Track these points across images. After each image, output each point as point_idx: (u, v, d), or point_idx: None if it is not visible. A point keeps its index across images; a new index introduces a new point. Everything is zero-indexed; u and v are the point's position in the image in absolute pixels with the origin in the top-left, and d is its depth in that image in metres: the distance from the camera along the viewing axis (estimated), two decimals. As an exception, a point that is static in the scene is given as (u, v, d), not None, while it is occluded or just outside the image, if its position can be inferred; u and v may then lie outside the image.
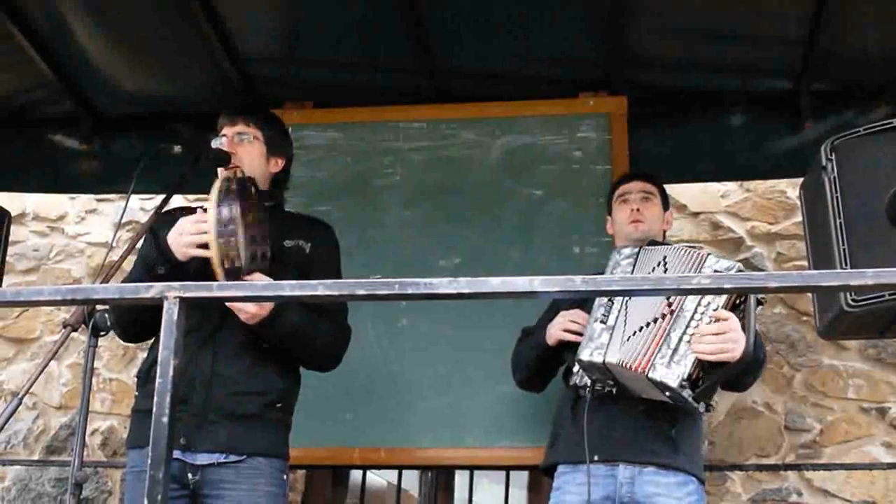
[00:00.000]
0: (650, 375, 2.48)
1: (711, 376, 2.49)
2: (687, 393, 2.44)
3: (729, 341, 2.46)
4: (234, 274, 2.37)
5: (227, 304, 2.44)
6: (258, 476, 2.49)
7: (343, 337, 2.71)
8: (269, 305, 2.45)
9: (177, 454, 2.42)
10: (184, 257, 2.44)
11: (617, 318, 2.63)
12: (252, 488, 2.47)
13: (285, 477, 2.60)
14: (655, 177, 3.05)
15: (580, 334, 2.71)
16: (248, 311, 2.44)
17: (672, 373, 2.46)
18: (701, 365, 2.48)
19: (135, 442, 2.53)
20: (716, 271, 2.59)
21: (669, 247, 2.83)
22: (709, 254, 2.69)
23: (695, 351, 2.46)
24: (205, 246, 2.41)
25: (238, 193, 2.43)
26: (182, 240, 2.44)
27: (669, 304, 2.57)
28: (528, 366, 2.95)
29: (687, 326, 2.51)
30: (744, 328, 2.47)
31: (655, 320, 2.56)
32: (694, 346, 2.47)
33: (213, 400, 2.49)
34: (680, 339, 2.50)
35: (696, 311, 2.52)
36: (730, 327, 2.47)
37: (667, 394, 2.51)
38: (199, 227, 2.42)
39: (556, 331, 2.79)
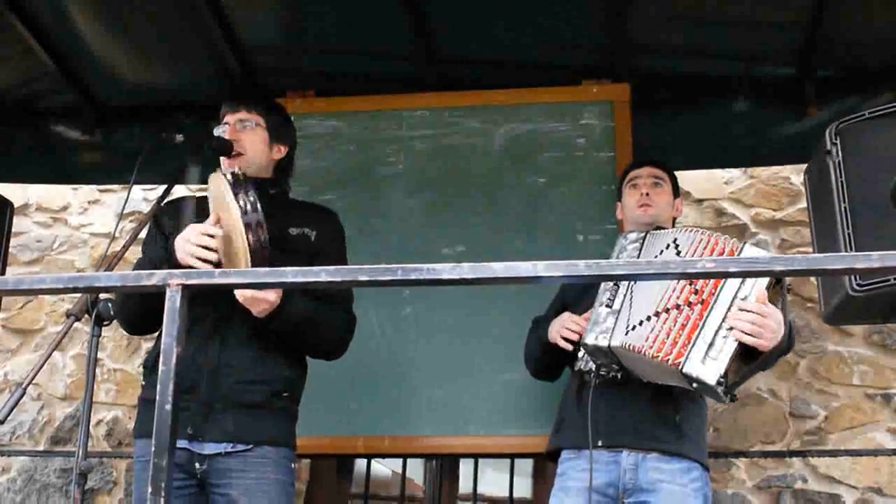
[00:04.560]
0: (685, 370, 2.38)
1: (744, 371, 2.42)
2: (722, 390, 2.36)
3: (766, 328, 2.38)
4: (261, 261, 2.33)
5: (239, 299, 2.43)
6: (266, 465, 2.49)
7: (349, 325, 2.71)
8: (279, 295, 2.45)
9: (184, 443, 2.42)
10: (183, 262, 2.41)
11: (623, 302, 2.62)
12: (260, 477, 2.47)
13: (293, 465, 2.60)
14: (666, 164, 3.04)
15: (573, 343, 2.71)
16: (269, 300, 2.42)
17: (709, 370, 2.36)
18: (735, 359, 2.39)
19: (141, 431, 2.54)
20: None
21: (679, 229, 2.78)
22: (745, 243, 2.58)
23: (733, 325, 2.37)
24: (206, 261, 2.39)
25: (247, 182, 2.41)
26: (187, 247, 2.41)
27: (696, 292, 2.47)
28: (535, 359, 2.97)
29: (723, 319, 2.41)
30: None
31: (678, 307, 2.47)
32: (732, 322, 2.38)
33: (221, 389, 2.48)
34: (716, 333, 2.40)
35: (732, 303, 2.42)
36: (770, 313, 2.39)
37: (694, 386, 2.43)
38: (205, 241, 2.40)
39: (554, 333, 2.79)
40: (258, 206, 2.35)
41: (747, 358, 2.43)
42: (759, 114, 3.73)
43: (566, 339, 2.74)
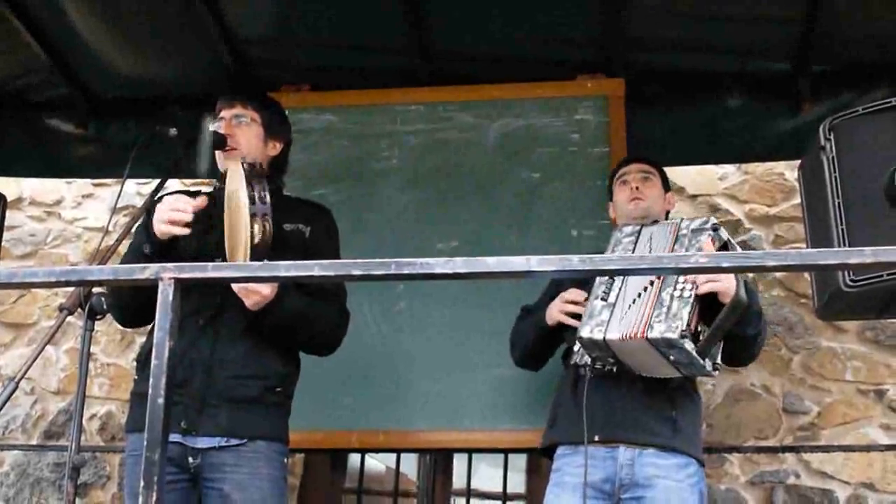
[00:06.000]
0: (650, 336, 2.46)
1: (712, 329, 2.49)
2: (689, 345, 2.43)
3: (719, 274, 2.48)
4: (261, 254, 2.35)
5: (235, 290, 2.43)
6: (259, 459, 2.49)
7: (342, 320, 2.70)
8: (273, 290, 2.45)
9: (177, 438, 2.42)
10: (161, 234, 2.42)
11: (617, 295, 2.63)
12: (253, 472, 2.47)
13: (286, 460, 2.60)
14: (656, 160, 3.05)
15: (579, 317, 2.70)
16: (263, 293, 2.43)
17: (670, 326, 2.45)
18: (698, 318, 2.49)
19: (134, 425, 2.54)
20: (693, 230, 2.64)
21: (660, 223, 2.83)
22: (682, 219, 2.73)
23: (690, 281, 2.50)
24: (187, 225, 2.40)
25: (262, 175, 2.44)
26: (161, 214, 2.42)
27: None
28: (526, 345, 2.96)
29: (675, 284, 2.53)
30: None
31: (645, 289, 2.57)
32: (691, 279, 2.51)
33: (214, 384, 2.48)
34: (671, 297, 2.51)
35: None
36: None
37: (671, 357, 2.49)
38: (179, 206, 2.42)
39: (555, 312, 2.79)
40: (267, 199, 2.37)
41: (711, 316, 2.51)
42: (754, 109, 3.73)
43: (571, 316, 2.74)
